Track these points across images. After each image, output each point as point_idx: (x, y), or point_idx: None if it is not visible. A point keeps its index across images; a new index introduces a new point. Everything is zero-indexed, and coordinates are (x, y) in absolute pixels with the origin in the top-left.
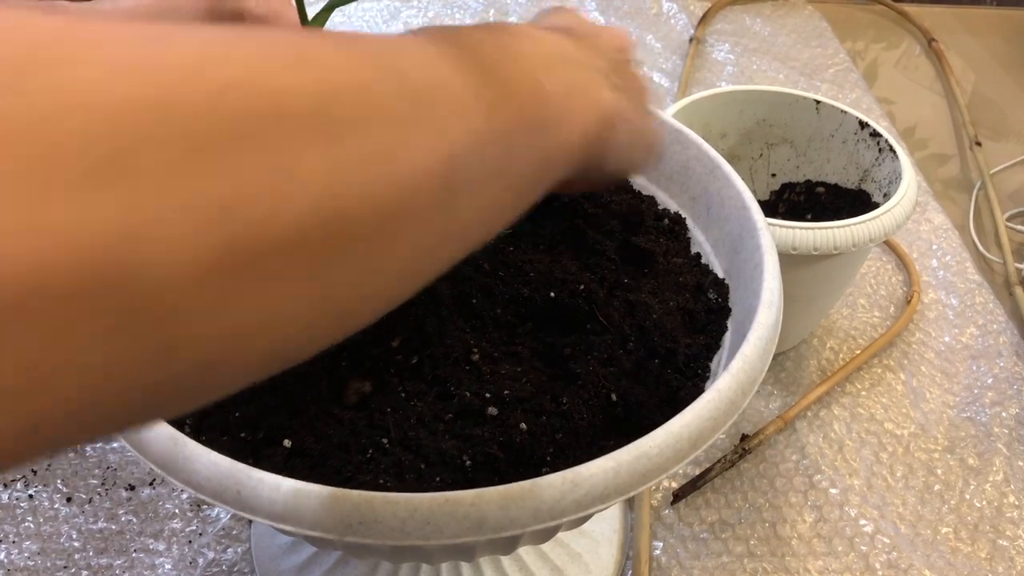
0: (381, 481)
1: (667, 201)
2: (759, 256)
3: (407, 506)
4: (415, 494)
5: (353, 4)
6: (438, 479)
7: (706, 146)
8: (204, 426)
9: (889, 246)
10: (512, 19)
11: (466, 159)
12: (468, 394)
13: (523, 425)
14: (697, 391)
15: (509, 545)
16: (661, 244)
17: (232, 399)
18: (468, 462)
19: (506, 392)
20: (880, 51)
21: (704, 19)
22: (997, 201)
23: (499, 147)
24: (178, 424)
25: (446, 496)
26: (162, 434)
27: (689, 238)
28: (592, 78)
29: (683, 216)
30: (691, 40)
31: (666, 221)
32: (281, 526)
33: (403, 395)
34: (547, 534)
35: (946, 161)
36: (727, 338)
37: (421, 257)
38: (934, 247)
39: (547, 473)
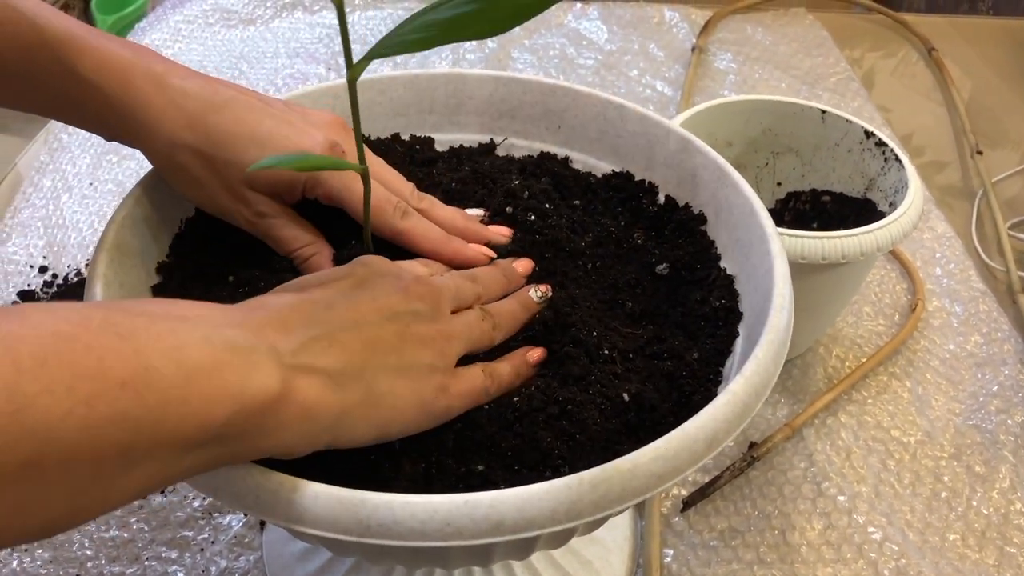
0: (397, 484)
1: None
2: (769, 261)
3: (427, 507)
4: (434, 496)
5: (354, 17)
6: (454, 482)
7: (713, 154)
8: None
9: (893, 254)
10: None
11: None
12: None
13: (538, 429)
14: (710, 395)
15: (526, 548)
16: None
17: None
18: (482, 467)
19: (516, 399)
20: (879, 60)
21: (706, 28)
22: (999, 210)
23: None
24: None
25: (465, 498)
26: None
27: None
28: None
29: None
30: (693, 49)
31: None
32: (300, 528)
33: None
34: (563, 537)
35: (943, 169)
36: (738, 343)
37: None
38: (937, 255)
39: (563, 476)
